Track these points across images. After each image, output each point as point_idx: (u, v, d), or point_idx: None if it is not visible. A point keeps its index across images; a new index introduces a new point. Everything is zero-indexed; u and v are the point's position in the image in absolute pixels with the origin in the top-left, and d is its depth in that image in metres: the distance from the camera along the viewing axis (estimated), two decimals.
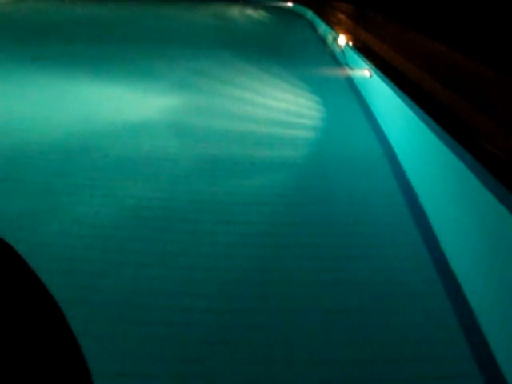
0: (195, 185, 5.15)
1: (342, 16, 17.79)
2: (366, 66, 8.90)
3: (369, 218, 4.59)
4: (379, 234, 4.33)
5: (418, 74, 7.77)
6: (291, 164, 5.82)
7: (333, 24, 14.77)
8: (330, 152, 6.27)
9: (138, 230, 4.27)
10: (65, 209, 4.55)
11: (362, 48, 10.47)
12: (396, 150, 6.26)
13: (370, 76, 8.51)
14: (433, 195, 4.73)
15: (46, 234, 4.09)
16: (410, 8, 14.07)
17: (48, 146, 5.99)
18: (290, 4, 25.67)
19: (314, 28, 17.58)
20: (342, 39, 11.54)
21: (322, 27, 15.89)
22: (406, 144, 6.00)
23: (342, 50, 11.53)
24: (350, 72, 10.33)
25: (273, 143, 6.46)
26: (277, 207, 4.74)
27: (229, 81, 9.44)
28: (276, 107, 7.92)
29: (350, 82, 9.79)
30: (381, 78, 7.76)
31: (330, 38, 13.58)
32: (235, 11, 23.31)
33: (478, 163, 3.95)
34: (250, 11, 23.23)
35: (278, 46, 13.97)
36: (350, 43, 11.18)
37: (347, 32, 12.75)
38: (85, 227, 4.25)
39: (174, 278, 3.65)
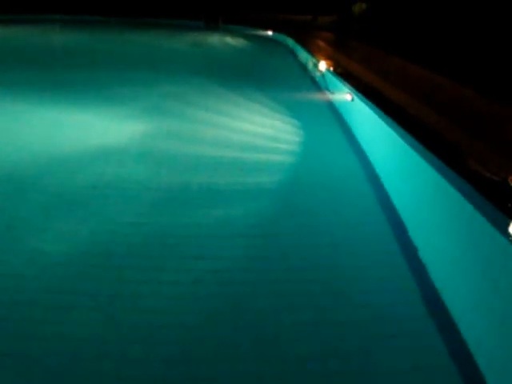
0: (162, 216, 4.67)
1: (321, 43, 17.70)
2: (348, 90, 8.61)
3: (351, 250, 4.14)
4: (362, 267, 3.88)
5: (400, 97, 7.52)
6: (267, 191, 5.39)
7: (313, 50, 14.61)
8: (309, 178, 5.86)
9: (92, 267, 3.76)
10: (12, 243, 4.05)
11: (343, 73, 10.24)
12: (380, 173, 5.88)
13: (352, 99, 8.21)
14: (420, 221, 4.31)
15: None
16: (389, 35, 14.02)
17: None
18: (269, 32, 25.67)
19: (294, 55, 17.43)
20: (323, 64, 11.32)
21: (302, 54, 15.73)
22: (391, 167, 5.62)
23: (323, 75, 11.29)
24: (330, 96, 10.05)
25: (248, 169, 6.04)
26: (251, 239, 4.27)
27: (204, 106, 9.06)
28: (253, 132, 7.53)
29: (331, 106, 9.49)
30: (363, 101, 7.45)
31: (310, 64, 13.38)
32: (215, 39, 23.19)
33: (469, 185, 3.58)
34: (229, 39, 23.12)
35: (258, 73, 13.72)
36: (331, 68, 10.95)
37: (327, 58, 12.56)
38: (34, 264, 3.74)
39: (129, 323, 3.15)
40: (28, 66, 12.62)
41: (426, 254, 3.98)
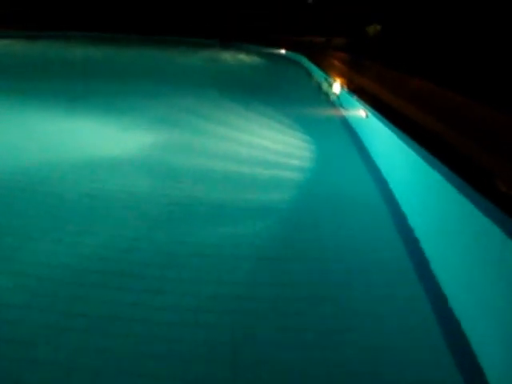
0: (162, 233, 4.34)
1: (335, 61, 17.51)
2: (361, 107, 8.33)
3: (365, 279, 3.77)
4: (377, 298, 3.51)
5: (416, 115, 7.21)
6: (277, 210, 5.05)
7: (326, 68, 14.39)
8: (321, 196, 5.52)
9: (86, 287, 3.44)
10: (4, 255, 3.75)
11: (357, 90, 9.96)
12: (396, 193, 5.53)
13: (366, 116, 7.91)
14: (442, 246, 3.94)
15: None
16: (404, 55, 13.81)
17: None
18: (283, 51, 25.59)
19: (307, 72, 17.23)
20: (336, 81, 11.07)
21: (315, 71, 15.52)
22: (408, 187, 5.27)
23: (337, 93, 11.02)
24: (344, 112, 9.75)
25: (258, 185, 5.71)
26: (255, 263, 3.92)
27: (215, 119, 8.81)
28: (263, 146, 7.23)
29: (345, 123, 9.19)
30: (378, 118, 7.15)
31: (323, 80, 13.13)
32: (229, 56, 23.10)
33: (494, 206, 3.22)
34: (243, 56, 23.03)
35: (270, 89, 13.51)
36: (344, 85, 10.69)
37: (341, 75, 12.32)
38: (25, 281, 3.43)
39: (123, 351, 2.82)
40: (49, 78, 12.63)
41: (449, 285, 3.59)
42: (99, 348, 2.83)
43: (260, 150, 7.03)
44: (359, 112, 8.29)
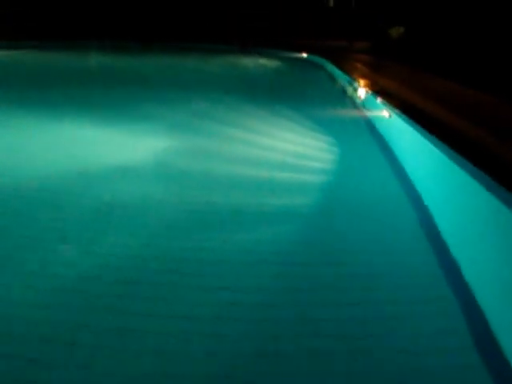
0: (178, 239, 4.19)
1: (357, 64, 17.30)
2: (384, 107, 8.10)
3: (392, 282, 3.57)
4: (404, 303, 3.29)
5: (441, 114, 6.96)
6: (298, 214, 4.86)
7: (348, 70, 14.19)
8: (344, 199, 5.32)
9: (96, 298, 3.29)
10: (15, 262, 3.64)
11: (380, 90, 9.74)
12: (423, 195, 5.28)
13: (390, 116, 7.67)
14: (473, 250, 3.70)
15: None
16: (428, 56, 13.56)
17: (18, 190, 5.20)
18: (304, 54, 25.41)
19: (328, 74, 17.02)
20: (360, 84, 10.87)
21: (338, 74, 15.32)
22: (436, 188, 5.02)
23: (361, 96, 10.79)
24: (368, 114, 9.52)
25: (278, 189, 5.54)
26: (276, 268, 3.74)
27: (233, 123, 8.68)
28: (283, 149, 7.05)
29: (369, 124, 8.95)
30: (403, 118, 6.91)
31: (347, 84, 12.93)
32: (249, 61, 23.02)
33: None
34: (264, 61, 22.90)
35: (292, 92, 13.33)
36: (368, 87, 10.48)
37: (364, 76, 12.11)
38: (35, 293, 3.31)
39: (134, 367, 2.65)
40: (65, 87, 12.71)
41: (481, 292, 3.34)
42: (109, 364, 2.67)
43: (281, 153, 6.86)
44: (383, 113, 8.06)
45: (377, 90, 9.83)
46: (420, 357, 2.75)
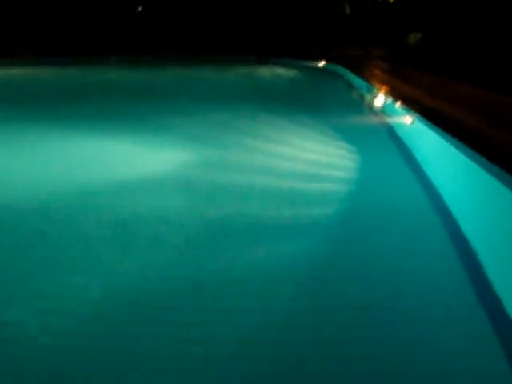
0: (196, 258, 4.01)
1: (376, 71, 17.16)
2: (405, 113, 7.90)
3: (420, 299, 3.35)
4: (435, 325, 3.06)
5: (465, 118, 6.74)
6: (320, 226, 4.67)
7: (367, 77, 14.02)
8: (368, 210, 5.12)
9: (111, 322, 3.13)
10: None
11: (400, 96, 9.54)
12: (449, 202, 5.06)
13: (412, 122, 7.47)
14: (500, 258, 3.47)
15: None
16: (446, 61, 13.38)
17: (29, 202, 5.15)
18: (321, 63, 25.26)
19: (347, 81, 16.85)
20: (380, 91, 10.68)
21: (357, 82, 15.16)
22: (463, 195, 4.80)
23: (381, 103, 10.60)
24: (388, 120, 9.32)
25: (300, 201, 5.36)
26: (298, 286, 3.54)
27: (252, 133, 8.54)
28: (304, 158, 6.89)
29: (390, 130, 8.75)
30: (427, 124, 6.70)
31: (366, 91, 12.75)
32: (266, 71, 22.95)
33: None
34: (281, 70, 22.82)
35: (312, 101, 13.16)
36: (388, 94, 10.29)
37: (383, 82, 11.92)
38: (52, 318, 3.16)
39: None
40: (81, 101, 12.74)
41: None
42: None
43: (301, 163, 6.71)
44: (404, 119, 7.87)
45: (398, 96, 9.65)
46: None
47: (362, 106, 11.93)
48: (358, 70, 16.76)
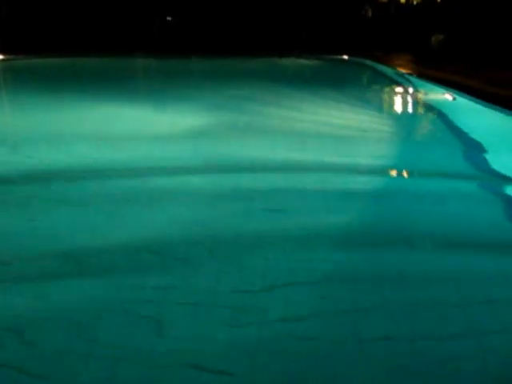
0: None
1: (402, 61, 16.91)
2: (445, 91, 7.33)
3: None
4: None
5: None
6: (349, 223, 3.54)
7: (397, 66, 13.68)
8: (413, 194, 4.20)
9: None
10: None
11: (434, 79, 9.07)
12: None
13: (454, 99, 6.87)
14: None
15: None
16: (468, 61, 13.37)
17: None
18: (345, 57, 24.74)
19: (373, 70, 16.39)
20: (411, 74, 10.29)
21: (382, 68, 14.74)
22: None
23: (413, 84, 10.11)
24: (425, 96, 8.73)
25: (329, 190, 4.22)
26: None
27: (276, 104, 8.08)
28: (336, 124, 6.36)
29: (429, 107, 8.10)
30: (471, 99, 6.10)
31: (395, 76, 12.31)
32: (288, 63, 22.45)
33: None
34: (304, 61, 22.30)
35: (336, 84, 12.60)
36: (418, 75, 9.86)
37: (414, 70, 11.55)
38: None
39: None
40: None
41: None
42: None
43: (332, 127, 6.21)
44: (445, 96, 7.29)
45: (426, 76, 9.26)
46: None
47: (390, 90, 11.41)
48: (383, 61, 16.59)
